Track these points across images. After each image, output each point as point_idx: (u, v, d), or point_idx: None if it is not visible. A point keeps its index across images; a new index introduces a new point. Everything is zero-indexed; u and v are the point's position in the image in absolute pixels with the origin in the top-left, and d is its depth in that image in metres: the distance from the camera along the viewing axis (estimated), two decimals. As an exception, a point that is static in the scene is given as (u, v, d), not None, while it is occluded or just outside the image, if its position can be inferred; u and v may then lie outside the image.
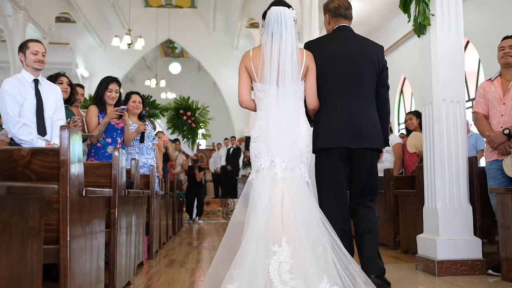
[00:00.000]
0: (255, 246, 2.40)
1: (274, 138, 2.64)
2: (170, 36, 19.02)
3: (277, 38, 2.68)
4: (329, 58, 2.96)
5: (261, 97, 2.74)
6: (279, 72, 2.67)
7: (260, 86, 2.72)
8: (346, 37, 3.07)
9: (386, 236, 5.64)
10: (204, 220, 11.19)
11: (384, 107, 3.09)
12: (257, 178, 2.65)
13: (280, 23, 2.69)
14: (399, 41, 12.10)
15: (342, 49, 3.00)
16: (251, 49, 2.82)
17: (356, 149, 2.91)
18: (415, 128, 6.23)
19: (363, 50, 3.03)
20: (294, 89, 2.72)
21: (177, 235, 7.69)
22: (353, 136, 2.89)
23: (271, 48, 2.68)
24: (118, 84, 4.79)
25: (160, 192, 5.38)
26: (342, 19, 3.11)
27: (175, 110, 11.34)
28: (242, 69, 2.79)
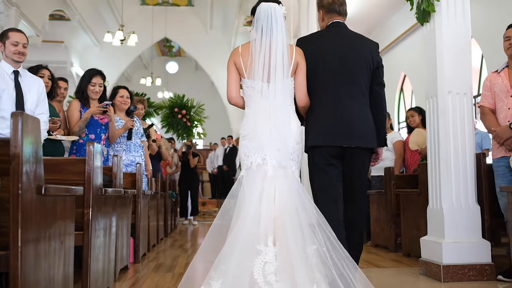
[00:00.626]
0: (243, 243, 2.34)
1: (265, 136, 2.57)
2: (166, 34, 18.75)
3: (268, 34, 2.63)
4: (321, 54, 2.88)
5: (249, 94, 2.68)
6: (270, 68, 2.62)
7: (249, 82, 2.67)
8: (339, 33, 2.98)
9: (387, 238, 5.37)
10: (200, 221, 10.90)
11: (380, 105, 2.97)
12: (247, 176, 2.58)
13: (270, 19, 2.64)
14: (399, 38, 11.82)
15: (334, 45, 2.92)
16: (240, 45, 2.77)
17: (348, 148, 2.82)
18: (417, 125, 5.96)
19: (357, 46, 2.94)
20: (285, 86, 2.67)
21: (169, 236, 7.40)
22: (345, 134, 2.80)
23: (261, 44, 2.62)
24: (102, 77, 4.51)
25: (148, 192, 5.10)
26: (336, 15, 3.02)
27: (169, 108, 11.03)
28: (231, 65, 2.72)
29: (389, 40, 12.20)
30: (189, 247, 5.88)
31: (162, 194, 6.93)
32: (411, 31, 11.38)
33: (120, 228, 3.69)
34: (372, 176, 6.16)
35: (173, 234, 7.93)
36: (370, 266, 4.23)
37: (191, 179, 10.13)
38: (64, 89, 4.81)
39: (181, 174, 10.18)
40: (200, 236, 7.43)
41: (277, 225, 2.43)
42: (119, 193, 3.48)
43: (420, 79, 10.91)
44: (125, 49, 17.55)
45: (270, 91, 2.62)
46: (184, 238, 7.29)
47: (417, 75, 11.07)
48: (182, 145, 10.19)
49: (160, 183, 6.59)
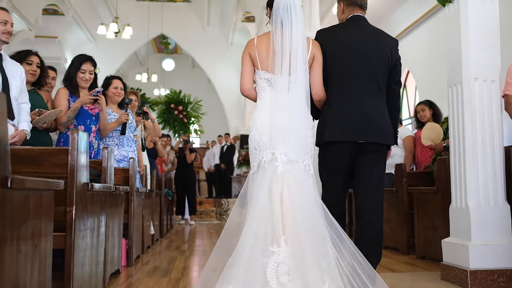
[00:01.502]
0: (253, 245, 2.29)
1: (277, 130, 2.51)
2: (163, 31, 18.41)
3: (288, 26, 2.57)
4: (341, 48, 2.82)
5: (263, 86, 2.63)
6: (284, 61, 2.56)
7: (263, 74, 2.62)
8: (360, 27, 2.91)
9: (398, 239, 5.02)
10: (197, 221, 10.55)
11: (396, 103, 2.94)
12: (258, 172, 2.51)
13: (290, 10, 2.58)
14: (402, 33, 11.51)
15: (355, 39, 2.85)
16: (256, 36, 2.72)
17: (365, 143, 2.76)
18: (428, 120, 5.61)
19: (377, 42, 2.87)
20: (299, 78, 2.60)
21: (165, 237, 7.04)
22: (364, 130, 2.75)
23: (282, 36, 2.56)
24: (93, 64, 4.14)
25: (142, 189, 4.73)
26: (358, 9, 2.94)
27: (165, 104, 10.68)
28: (246, 56, 2.67)
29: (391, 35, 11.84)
30: (186, 249, 5.51)
31: (158, 193, 6.56)
32: (415, 26, 11.07)
33: (110, 228, 3.33)
34: (381, 173, 5.81)
35: (169, 234, 7.56)
36: (385, 271, 3.88)
37: (188, 176, 9.77)
38: (52, 79, 4.45)
39: (177, 170, 9.82)
40: (197, 237, 7.07)
41: (288, 224, 2.37)
42: (110, 189, 3.12)
43: (424, 74, 10.60)
44: (121, 46, 17.19)
45: (285, 84, 2.56)
46: (180, 239, 6.92)
47: (421, 71, 10.75)
48: (178, 140, 9.83)
49: (155, 180, 6.23)
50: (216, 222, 10.63)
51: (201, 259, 4.60)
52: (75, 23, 15.46)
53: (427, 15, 10.45)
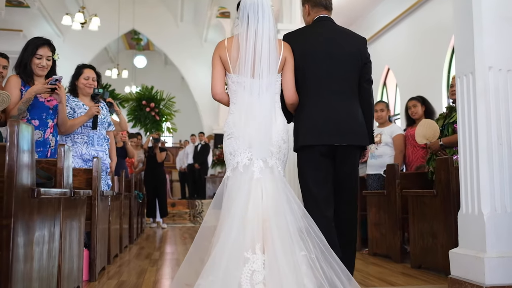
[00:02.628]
0: (230, 251, 2.24)
1: (251, 134, 2.47)
2: (134, 26, 17.80)
3: (253, 25, 2.51)
4: (311, 50, 2.78)
5: (235, 90, 2.57)
6: (256, 63, 2.51)
7: (235, 77, 2.56)
8: (327, 28, 2.88)
9: (389, 246, 4.62)
10: (169, 223, 10.01)
11: (368, 102, 2.91)
12: (233, 177, 2.48)
13: (256, 9, 2.52)
14: (382, 30, 11.18)
15: (324, 41, 2.81)
16: (226, 38, 2.64)
17: (339, 146, 2.74)
18: (420, 117, 5.25)
19: (345, 42, 2.84)
20: (272, 82, 2.57)
21: (135, 243, 6.50)
22: (337, 132, 2.73)
23: (247, 36, 2.51)
24: (50, 48, 3.61)
25: (108, 192, 4.21)
26: (323, 10, 2.93)
27: (137, 101, 10.10)
28: (216, 59, 2.61)
29: (371, 32, 11.54)
30: (158, 258, 5.00)
31: (127, 195, 6.03)
32: (395, 23, 10.74)
33: (68, 239, 2.82)
34: (368, 174, 5.42)
35: (139, 240, 7.02)
36: (381, 283, 3.47)
37: (158, 176, 9.23)
38: (4, 67, 3.90)
39: (147, 171, 9.26)
40: (170, 243, 6.56)
41: (264, 231, 2.33)
42: (65, 194, 2.61)
43: (405, 72, 10.29)
44: (90, 41, 16.51)
45: (256, 87, 2.51)
46: (152, 245, 6.39)
47: (402, 68, 10.43)
48: (148, 138, 9.27)
49: (124, 182, 5.70)
50: (190, 225, 10.11)
51: (174, 271, 4.11)
52: (41, 16, 14.72)
53: (407, 12, 10.14)
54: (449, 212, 3.65)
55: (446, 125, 4.41)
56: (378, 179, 5.31)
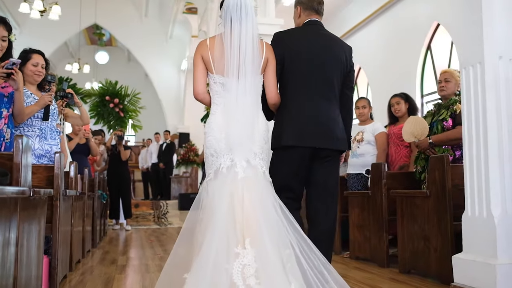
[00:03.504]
0: (217, 249, 2.23)
1: (234, 135, 2.45)
2: (96, 20, 17.15)
3: (237, 26, 2.50)
4: (299, 52, 2.81)
5: (217, 90, 2.56)
6: (240, 64, 2.49)
7: (218, 78, 2.54)
8: (316, 32, 2.91)
9: (374, 250, 4.37)
10: (133, 225, 9.54)
11: (349, 108, 2.99)
12: (215, 179, 2.46)
13: (239, 10, 2.50)
14: (353, 29, 11.06)
15: (312, 44, 2.85)
16: (208, 38, 2.62)
17: (320, 149, 2.77)
18: (403, 114, 5.05)
19: (333, 48, 2.88)
20: (255, 82, 2.55)
21: (98, 247, 6.06)
22: (320, 136, 2.76)
23: (231, 37, 2.50)
24: (6, 28, 3.20)
25: (71, 193, 3.79)
26: (314, 14, 2.96)
27: (100, 96, 9.57)
28: (198, 59, 2.58)
29: (342, 31, 11.40)
30: (126, 263, 4.60)
31: (90, 195, 5.58)
32: (367, 22, 10.62)
33: (25, 245, 2.42)
34: (349, 174, 5.17)
35: (102, 243, 6.56)
36: (373, 292, 3.20)
37: (122, 175, 8.74)
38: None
39: (110, 170, 8.76)
40: (136, 246, 6.13)
41: (252, 226, 2.31)
42: (23, 194, 2.21)
43: (376, 71, 10.16)
44: (49, 34, 15.81)
45: (239, 88, 2.49)
46: (116, 248, 5.96)
47: (373, 67, 10.30)
48: (111, 136, 8.79)
49: (88, 181, 5.26)
50: (155, 226, 9.66)
51: (145, 279, 3.73)
52: (-4, 8, 13.96)
53: (379, 11, 10.02)
54: (443, 214, 3.42)
55: (435, 122, 4.19)
56: (360, 179, 5.06)
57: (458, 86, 4.22)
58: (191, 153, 15.63)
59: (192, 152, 15.64)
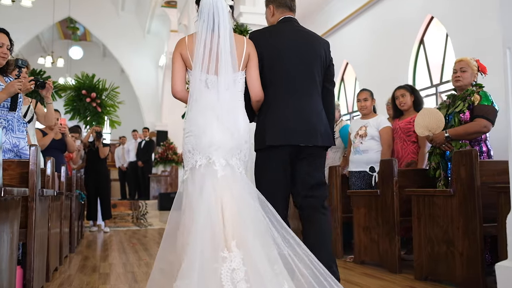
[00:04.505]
0: (202, 254, 2.12)
1: (211, 132, 2.39)
2: (70, 14, 16.50)
3: (211, 25, 2.47)
4: (277, 49, 2.80)
5: (196, 87, 2.48)
6: (218, 60, 2.45)
7: (197, 74, 2.48)
8: (293, 29, 2.91)
9: (383, 254, 4.02)
10: (111, 227, 9.03)
11: (331, 103, 2.98)
12: (192, 177, 2.38)
13: (214, 8, 2.47)
14: (340, 23, 10.70)
15: (290, 41, 2.84)
16: (187, 35, 2.62)
17: (305, 147, 2.77)
18: (409, 108, 4.71)
19: (312, 44, 2.88)
20: (234, 79, 2.50)
21: (75, 252, 5.56)
22: (303, 133, 2.75)
23: (206, 35, 2.46)
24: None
25: (48, 192, 3.32)
26: (288, 11, 2.97)
27: (75, 90, 9.01)
28: (177, 57, 2.56)
29: (328, 26, 11.06)
30: (109, 270, 4.14)
31: (68, 195, 5.09)
32: (355, 16, 10.26)
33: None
34: (351, 171, 4.80)
35: (80, 247, 6.06)
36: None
37: (100, 173, 8.25)
38: None
39: (88, 167, 8.24)
40: (118, 250, 5.65)
41: (238, 229, 2.23)
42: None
43: (366, 66, 9.84)
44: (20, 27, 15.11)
45: (218, 84, 2.45)
46: (95, 253, 5.48)
47: (361, 62, 9.96)
48: (89, 132, 8.26)
49: (66, 180, 4.77)
50: (135, 228, 9.17)
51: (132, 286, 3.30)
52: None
53: (367, 5, 9.71)
54: (471, 215, 3.09)
55: (451, 115, 3.85)
56: (363, 177, 4.71)
57: (474, 76, 3.90)
58: (170, 151, 15.16)
59: (171, 150, 15.16)
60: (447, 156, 3.84)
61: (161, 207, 11.08)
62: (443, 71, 7.72)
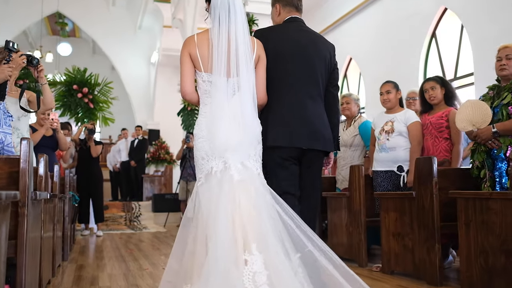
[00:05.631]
0: (224, 257, 2.05)
1: (227, 137, 2.32)
2: (59, 8, 15.91)
3: (226, 23, 2.39)
4: (282, 50, 2.71)
5: (207, 89, 2.42)
6: (231, 61, 2.38)
7: (207, 76, 2.41)
8: (299, 29, 2.81)
9: (421, 264, 3.57)
10: (103, 230, 8.51)
11: (335, 107, 2.87)
12: (207, 183, 2.33)
13: (227, 7, 2.40)
14: (342, 18, 10.29)
15: (296, 42, 2.74)
16: (196, 34, 2.47)
17: (307, 150, 2.69)
18: (439, 101, 4.28)
19: (317, 46, 2.78)
20: (248, 80, 2.42)
21: (69, 259, 5.06)
22: (307, 136, 2.67)
23: (219, 34, 2.37)
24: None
25: (42, 195, 2.82)
26: (294, 11, 2.88)
27: (66, 85, 8.47)
28: (185, 56, 2.45)
29: (331, 20, 10.66)
30: (109, 283, 3.65)
31: (62, 197, 4.59)
32: (360, 9, 9.86)
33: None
34: (376, 171, 4.36)
35: (73, 254, 5.55)
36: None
37: (92, 174, 7.72)
38: None
39: (79, 167, 7.72)
40: (115, 258, 5.15)
41: (257, 232, 2.16)
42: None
43: (369, 61, 9.43)
44: (7, 22, 14.57)
45: (231, 86, 2.38)
46: (91, 261, 4.98)
47: (366, 56, 9.56)
48: (80, 129, 7.74)
49: (59, 181, 4.27)
50: (129, 231, 8.65)
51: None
52: None
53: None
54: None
55: (497, 107, 3.43)
56: (390, 177, 4.26)
57: (523, 64, 3.48)
58: (162, 151, 14.66)
59: (163, 150, 14.67)
60: (494, 154, 3.41)
61: (156, 208, 10.58)
62: (457, 66, 7.32)
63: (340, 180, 5.08)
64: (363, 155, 5.01)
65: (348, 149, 5.02)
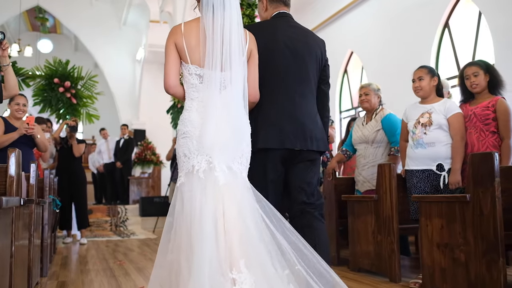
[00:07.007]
0: (209, 275, 1.87)
1: (212, 134, 2.18)
2: (39, 2, 15.13)
3: (219, 12, 2.22)
4: (272, 46, 2.63)
5: (193, 83, 2.27)
6: (223, 53, 2.22)
7: (194, 69, 2.26)
8: (288, 25, 2.73)
9: (479, 281, 2.96)
10: (87, 236, 7.79)
11: (326, 106, 2.82)
12: (188, 182, 2.17)
13: None
14: (344, 9, 9.72)
15: (286, 38, 2.66)
16: (182, 22, 2.34)
17: (299, 151, 2.62)
18: (483, 90, 3.70)
19: (308, 42, 2.71)
20: (240, 75, 2.29)
21: (49, 274, 4.35)
22: (299, 137, 2.60)
23: (212, 24, 2.21)
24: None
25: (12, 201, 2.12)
26: (282, 5, 2.79)
27: (46, 78, 7.73)
28: (171, 46, 2.30)
29: (330, 12, 10.09)
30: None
31: (40, 202, 3.88)
32: (359, 2, 9.32)
33: None
34: (410, 170, 3.75)
35: (53, 267, 4.84)
36: None
37: (74, 175, 6.99)
38: None
39: (60, 168, 6.97)
40: (102, 272, 4.45)
41: (246, 247, 2.01)
42: None
43: (371, 54, 8.87)
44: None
45: (218, 80, 2.22)
46: (73, 276, 4.28)
47: (370, 50, 8.99)
48: (61, 126, 7.01)
49: (36, 183, 3.57)
50: (116, 238, 7.93)
51: None
52: None
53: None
54: None
55: None
56: (428, 177, 3.66)
57: None
58: (148, 151, 13.99)
59: (149, 150, 14.00)
60: None
61: (143, 213, 9.87)
62: (474, 57, 6.77)
63: (360, 182, 4.47)
64: (387, 152, 4.41)
65: (370, 146, 4.42)
